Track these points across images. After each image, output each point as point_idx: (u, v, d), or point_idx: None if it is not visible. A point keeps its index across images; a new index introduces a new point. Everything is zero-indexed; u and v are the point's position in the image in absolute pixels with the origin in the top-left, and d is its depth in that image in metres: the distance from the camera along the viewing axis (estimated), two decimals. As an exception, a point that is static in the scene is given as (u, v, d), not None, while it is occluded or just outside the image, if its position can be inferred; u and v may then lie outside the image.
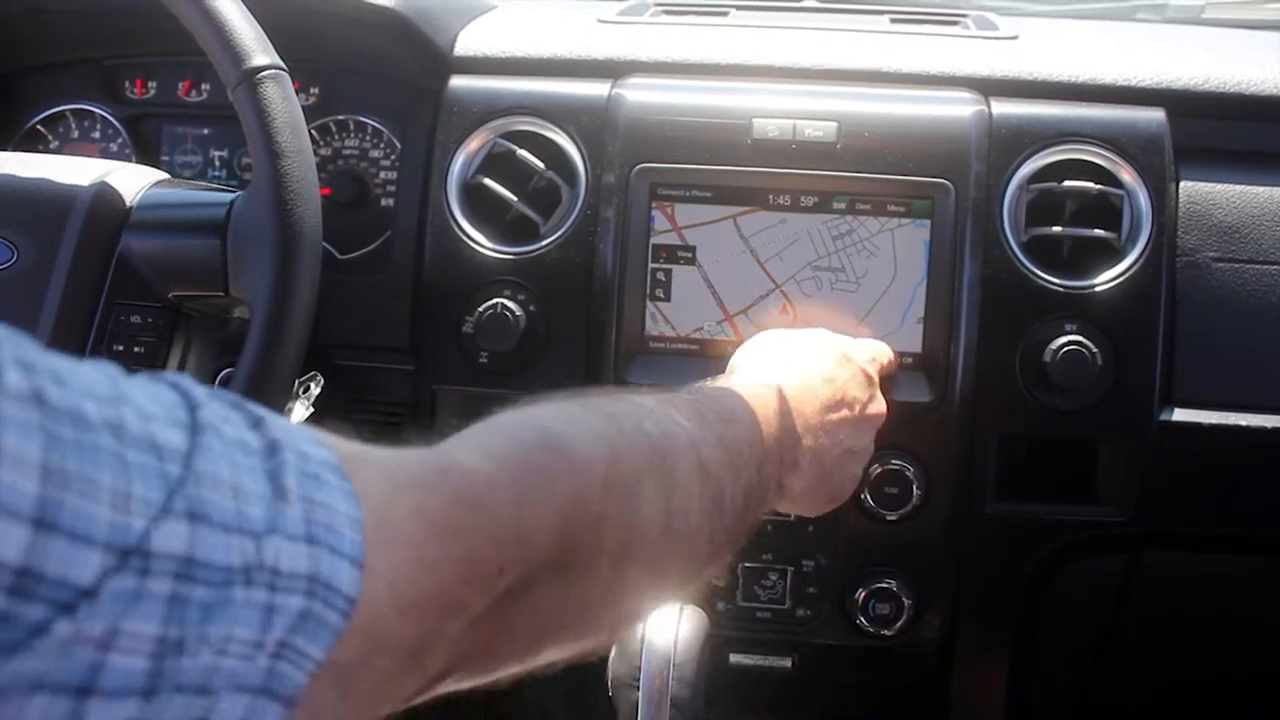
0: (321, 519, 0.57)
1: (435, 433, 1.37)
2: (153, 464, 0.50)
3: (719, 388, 1.02)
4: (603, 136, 1.37)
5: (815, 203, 1.33)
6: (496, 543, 0.68)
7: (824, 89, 1.39)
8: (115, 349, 1.22)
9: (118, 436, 0.49)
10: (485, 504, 0.68)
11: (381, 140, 1.50)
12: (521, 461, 0.73)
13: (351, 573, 0.58)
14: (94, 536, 0.46)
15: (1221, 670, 1.62)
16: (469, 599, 0.66)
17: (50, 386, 0.47)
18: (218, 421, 0.55)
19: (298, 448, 0.58)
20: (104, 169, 1.29)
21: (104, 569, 0.47)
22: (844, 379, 1.14)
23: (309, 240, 1.17)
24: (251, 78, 1.16)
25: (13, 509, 0.44)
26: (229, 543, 0.52)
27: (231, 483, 0.53)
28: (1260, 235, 1.35)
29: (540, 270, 1.36)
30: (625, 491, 0.79)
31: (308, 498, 0.57)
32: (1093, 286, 1.31)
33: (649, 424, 0.85)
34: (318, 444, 0.60)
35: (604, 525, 0.76)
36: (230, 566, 0.52)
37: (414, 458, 0.68)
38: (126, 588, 0.47)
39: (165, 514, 0.50)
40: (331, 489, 0.58)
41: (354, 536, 0.58)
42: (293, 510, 0.56)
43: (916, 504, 1.32)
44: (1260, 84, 1.40)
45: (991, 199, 1.32)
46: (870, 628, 1.35)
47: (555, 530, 0.72)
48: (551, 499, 0.73)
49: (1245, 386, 1.34)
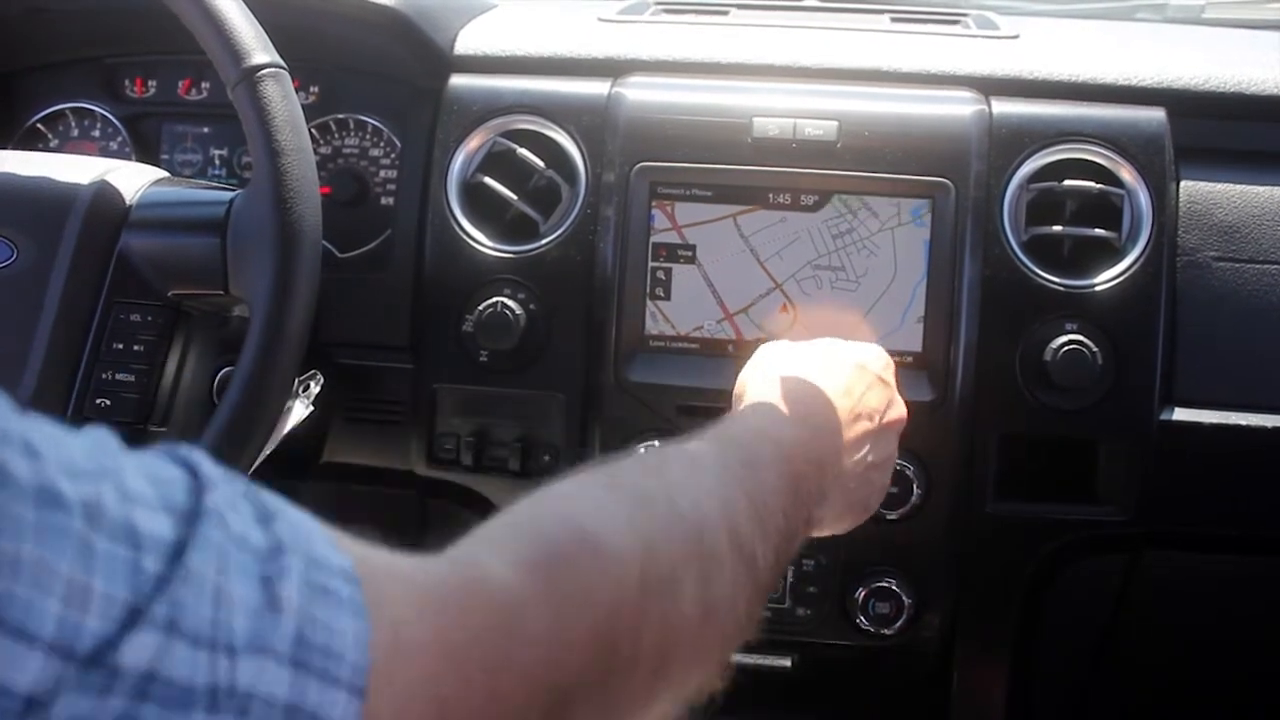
0: (319, 640, 0.50)
1: (435, 432, 1.37)
2: (123, 555, 0.44)
3: (740, 428, 0.97)
4: (603, 135, 1.37)
5: (815, 202, 1.33)
6: (526, 672, 0.61)
7: (824, 88, 1.39)
8: (115, 347, 1.22)
9: (90, 520, 0.43)
10: (517, 629, 0.61)
11: (381, 139, 1.50)
12: (555, 571, 0.65)
13: (348, 704, 0.51)
14: (38, 634, 0.41)
15: (1222, 670, 1.61)
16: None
17: (16, 459, 0.42)
18: (224, 508, 0.49)
19: (309, 552, 0.52)
20: (104, 167, 1.29)
21: (53, 677, 0.41)
22: (860, 390, 1.09)
23: (309, 238, 1.17)
24: (251, 76, 1.16)
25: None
26: (197, 658, 0.46)
27: (217, 585, 0.47)
28: (1261, 235, 1.35)
29: (540, 269, 1.36)
30: (663, 589, 0.72)
31: (307, 613, 0.50)
32: (1093, 286, 1.31)
33: (682, 501, 0.78)
34: (333, 548, 0.54)
35: (642, 631, 0.69)
36: (193, 687, 0.45)
37: (440, 570, 0.61)
38: (80, 711, 0.41)
39: (137, 620, 0.44)
40: (340, 603, 0.52)
41: (358, 659, 0.51)
42: (284, 626, 0.49)
43: (917, 503, 1.31)
44: (1261, 84, 1.40)
45: (992, 198, 1.32)
46: (870, 627, 1.35)
47: (591, 647, 0.65)
48: (587, 613, 0.66)
49: (1246, 386, 1.33)
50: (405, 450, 1.41)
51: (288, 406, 1.24)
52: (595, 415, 1.35)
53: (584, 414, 1.35)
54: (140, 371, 1.22)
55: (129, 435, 1.18)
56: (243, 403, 1.16)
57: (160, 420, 1.24)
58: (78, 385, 1.21)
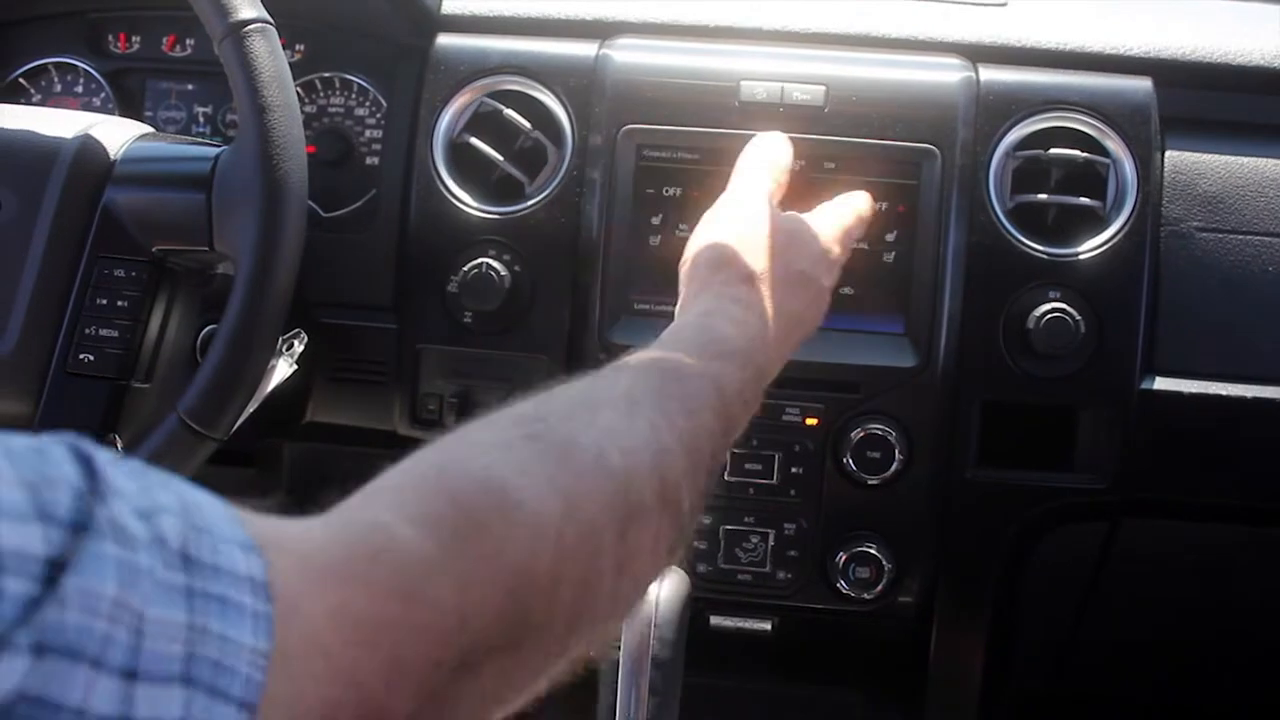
0: (215, 628, 0.48)
1: (418, 392, 1.36)
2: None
3: (680, 360, 0.90)
4: (590, 97, 1.36)
5: (802, 166, 1.33)
6: (432, 636, 0.59)
7: (813, 53, 1.39)
8: (99, 302, 1.21)
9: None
10: (422, 594, 0.59)
11: (367, 98, 1.49)
12: (464, 531, 0.63)
13: (245, 688, 0.49)
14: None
15: (1199, 636, 1.63)
16: (395, 707, 0.57)
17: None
18: (116, 513, 0.46)
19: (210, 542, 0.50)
20: (88, 121, 1.28)
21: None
22: (799, 267, 1.03)
23: (294, 195, 1.16)
24: (238, 31, 1.15)
25: None
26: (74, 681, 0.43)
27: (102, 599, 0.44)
28: (1244, 206, 1.35)
29: (525, 230, 1.35)
30: (582, 549, 0.69)
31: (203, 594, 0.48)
32: (1077, 254, 1.32)
33: (613, 452, 0.74)
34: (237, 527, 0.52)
35: (557, 594, 0.67)
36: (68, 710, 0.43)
37: (339, 539, 0.59)
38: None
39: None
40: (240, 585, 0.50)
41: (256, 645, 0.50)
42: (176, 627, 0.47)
43: (898, 469, 1.32)
44: (1247, 55, 1.41)
45: (978, 165, 1.32)
46: (850, 591, 1.36)
47: (501, 611, 0.63)
48: (499, 576, 0.63)
49: (1227, 356, 1.34)
50: (388, 411, 1.41)
51: (271, 365, 1.23)
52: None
53: (568, 376, 1.35)
54: (124, 327, 1.21)
55: (112, 391, 1.20)
56: (226, 359, 1.16)
57: (143, 376, 1.23)
58: (61, 340, 1.21)
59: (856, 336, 1.33)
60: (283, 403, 1.31)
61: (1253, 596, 1.57)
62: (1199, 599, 1.58)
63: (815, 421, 1.33)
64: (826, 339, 1.32)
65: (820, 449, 1.33)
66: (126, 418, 1.22)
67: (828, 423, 1.33)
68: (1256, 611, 1.59)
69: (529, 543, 0.65)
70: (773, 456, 1.34)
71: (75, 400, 1.20)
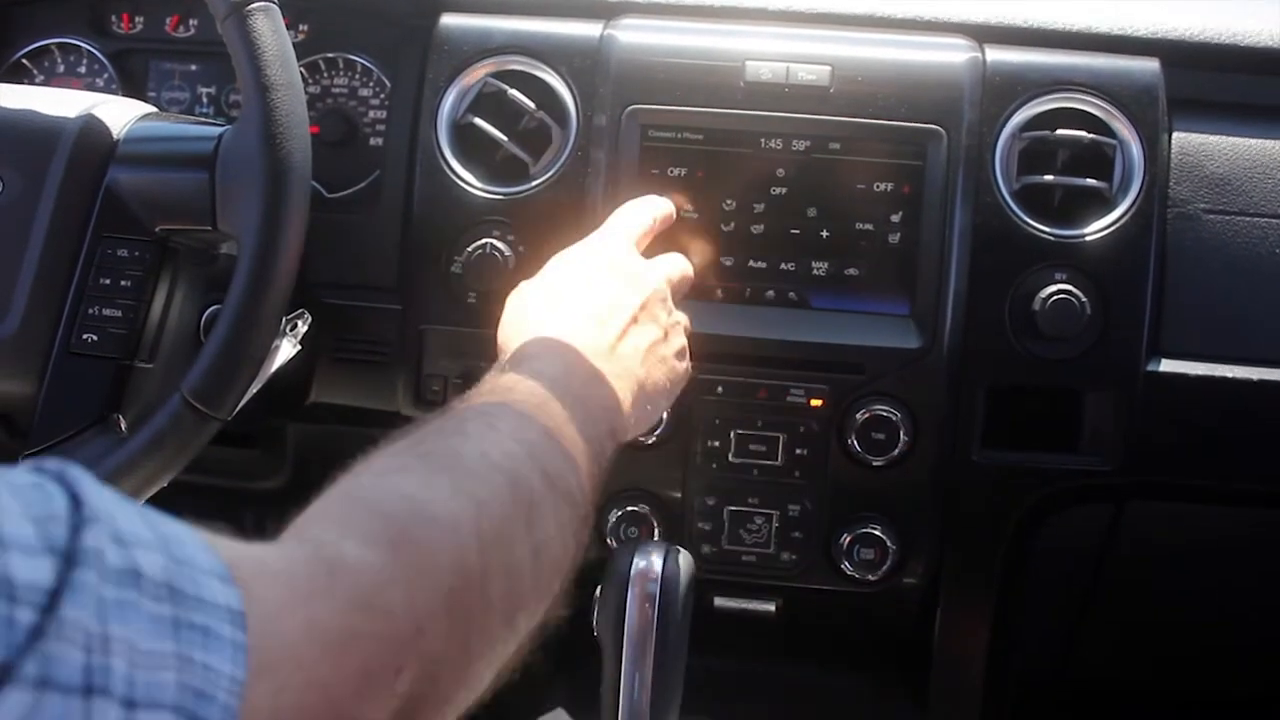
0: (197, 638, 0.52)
1: (422, 373, 1.36)
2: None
3: (506, 380, 0.97)
4: (594, 77, 1.36)
5: (807, 146, 1.32)
6: (394, 646, 0.65)
7: (818, 33, 1.38)
8: (102, 282, 1.21)
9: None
10: (378, 604, 0.65)
11: (371, 79, 1.49)
12: (403, 544, 0.70)
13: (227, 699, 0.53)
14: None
15: (1204, 619, 1.63)
16: (366, 713, 0.63)
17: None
18: (101, 542, 0.48)
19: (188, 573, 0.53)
20: (91, 101, 1.28)
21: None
22: (603, 292, 1.11)
23: (298, 175, 1.16)
24: (241, 10, 1.14)
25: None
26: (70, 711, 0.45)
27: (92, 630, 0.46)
28: (1251, 188, 1.35)
29: (530, 211, 1.35)
30: (498, 540, 0.78)
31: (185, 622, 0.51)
32: (1083, 236, 1.31)
33: (493, 453, 0.83)
34: (212, 556, 0.55)
35: (488, 585, 0.75)
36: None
37: (296, 557, 0.64)
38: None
39: (6, 679, 0.43)
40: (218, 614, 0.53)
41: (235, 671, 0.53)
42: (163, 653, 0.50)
43: (903, 450, 1.32)
44: (1255, 36, 1.40)
45: (984, 146, 1.32)
46: (854, 573, 1.35)
47: (448, 610, 0.70)
48: (439, 578, 0.71)
49: (1232, 338, 1.34)
50: (392, 391, 1.41)
51: (275, 345, 1.23)
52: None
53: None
54: (127, 307, 1.21)
55: (116, 371, 1.20)
56: (230, 339, 1.15)
57: (147, 356, 1.23)
58: (64, 320, 1.21)
59: (861, 318, 1.32)
60: (286, 383, 1.31)
61: (1257, 581, 1.57)
62: (1203, 584, 1.57)
63: (820, 403, 1.32)
64: (832, 320, 1.32)
65: (825, 430, 1.33)
66: (130, 398, 1.22)
67: (833, 404, 1.32)
68: (1261, 596, 1.59)
69: (455, 545, 0.73)
70: (777, 438, 1.34)
71: (78, 380, 1.20)
